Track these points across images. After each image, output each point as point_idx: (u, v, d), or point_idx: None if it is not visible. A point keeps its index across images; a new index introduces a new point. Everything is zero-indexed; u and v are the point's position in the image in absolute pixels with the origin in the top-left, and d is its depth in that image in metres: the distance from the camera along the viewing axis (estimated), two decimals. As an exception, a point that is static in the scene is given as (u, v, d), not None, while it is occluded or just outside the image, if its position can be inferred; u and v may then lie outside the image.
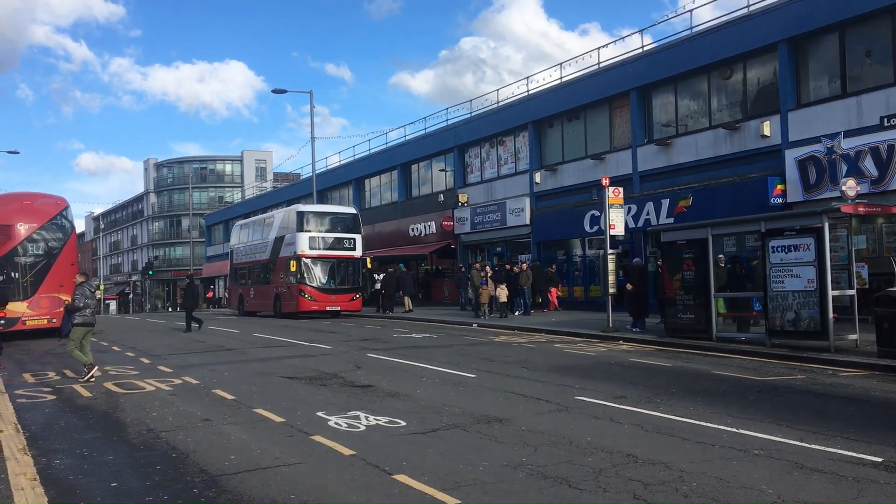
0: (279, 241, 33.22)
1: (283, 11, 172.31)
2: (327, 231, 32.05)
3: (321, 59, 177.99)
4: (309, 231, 31.59)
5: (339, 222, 32.85)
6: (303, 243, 31.22)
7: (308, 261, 31.08)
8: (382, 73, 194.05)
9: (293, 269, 30.83)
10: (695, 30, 25.43)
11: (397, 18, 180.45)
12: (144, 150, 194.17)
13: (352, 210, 35.11)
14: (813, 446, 7.53)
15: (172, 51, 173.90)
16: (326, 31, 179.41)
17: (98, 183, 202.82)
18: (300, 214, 32.18)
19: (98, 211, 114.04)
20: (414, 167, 42.00)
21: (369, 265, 34.16)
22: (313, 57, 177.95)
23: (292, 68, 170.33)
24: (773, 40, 21.99)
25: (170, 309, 74.85)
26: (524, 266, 27.91)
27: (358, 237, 32.51)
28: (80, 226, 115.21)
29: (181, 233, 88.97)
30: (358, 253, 32.31)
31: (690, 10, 25.48)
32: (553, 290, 28.95)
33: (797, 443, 7.68)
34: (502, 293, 26.53)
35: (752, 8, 23.07)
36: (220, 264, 67.77)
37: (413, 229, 39.34)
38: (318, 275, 31.28)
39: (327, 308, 31.40)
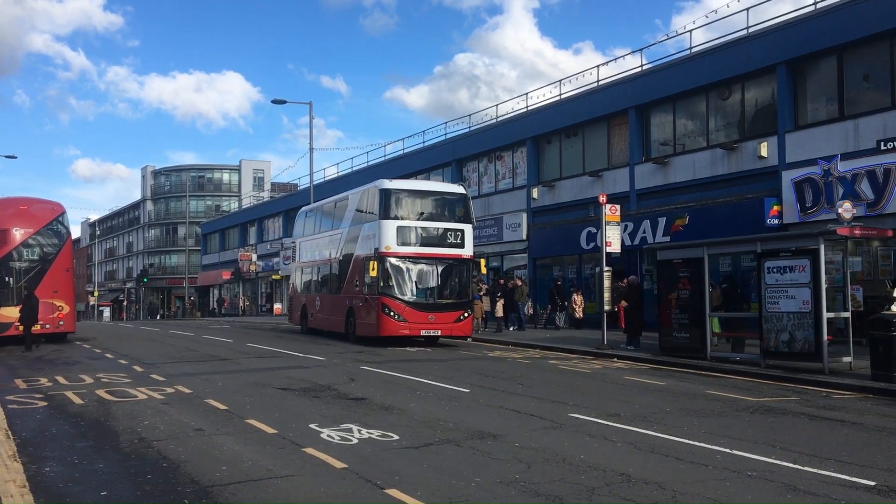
0: (354, 231, 23.93)
1: (279, 24, 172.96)
2: (424, 219, 22.29)
3: (317, 72, 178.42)
4: (398, 218, 21.83)
5: (441, 206, 22.86)
6: (388, 236, 21.52)
7: (395, 262, 21.48)
8: (378, 87, 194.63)
9: (373, 272, 21.29)
10: (693, 50, 25.56)
11: (392, 34, 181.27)
12: (140, 157, 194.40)
13: (459, 189, 23.94)
14: (806, 469, 7.52)
15: (170, 61, 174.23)
16: (322, 44, 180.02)
17: (94, 189, 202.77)
18: (385, 193, 21.99)
19: (94, 217, 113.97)
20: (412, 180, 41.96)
21: (483, 270, 24.52)
22: (309, 69, 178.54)
23: (288, 80, 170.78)
24: (771, 62, 22.11)
25: (159, 317, 74.66)
26: (518, 281, 27.90)
27: (468, 228, 22.67)
28: (75, 232, 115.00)
29: (177, 241, 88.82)
30: (467, 252, 22.40)
31: (690, 31, 25.70)
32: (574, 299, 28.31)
33: (791, 465, 7.67)
34: (499, 307, 26.54)
35: (751, 30, 23.21)
36: (215, 273, 67.79)
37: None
38: (410, 283, 21.77)
39: (422, 333, 21.62)
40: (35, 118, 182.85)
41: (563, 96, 31.30)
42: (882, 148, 19.20)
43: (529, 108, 33.11)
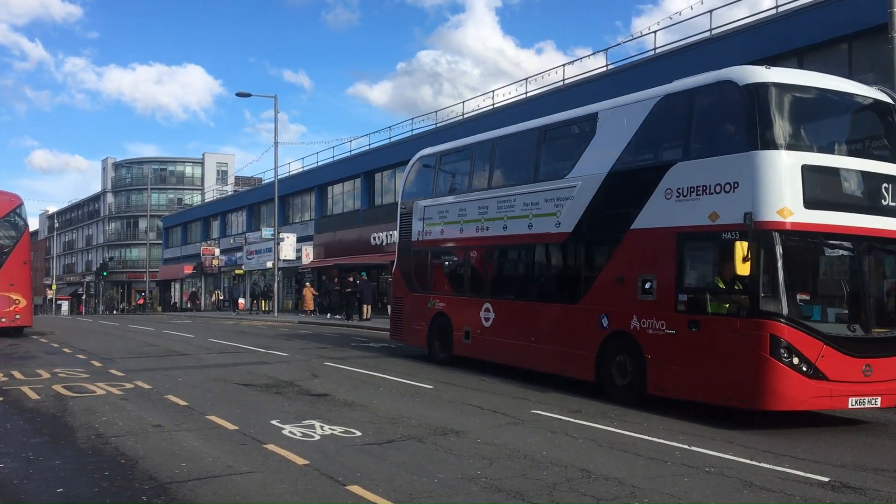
0: (631, 180, 11.88)
1: (241, 17, 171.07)
2: (846, 152, 10.79)
3: (279, 66, 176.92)
4: (799, 149, 10.08)
5: (860, 126, 11.82)
6: (781, 186, 9.73)
7: (800, 243, 10.00)
8: (341, 83, 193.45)
9: (743, 267, 9.56)
10: (658, 51, 25.81)
11: (356, 29, 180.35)
12: (99, 149, 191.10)
13: (881, 95, 11.21)
14: (763, 465, 7.66)
15: (130, 52, 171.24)
16: (285, 38, 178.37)
17: (52, 181, 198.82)
18: (759, 92, 10.13)
19: (52, 209, 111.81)
20: (378, 176, 41.89)
21: None
22: (272, 63, 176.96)
23: (251, 74, 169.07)
24: (738, 64, 22.35)
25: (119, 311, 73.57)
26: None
27: None
28: (33, 224, 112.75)
29: (138, 234, 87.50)
30: None
31: (654, 32, 25.86)
32: None
33: (747, 461, 7.81)
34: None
35: (713, 32, 23.51)
36: (177, 267, 66.91)
37: (375, 238, 39.18)
38: (830, 292, 10.74)
39: (851, 404, 9.73)
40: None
41: (528, 95, 31.42)
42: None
43: (496, 106, 33.17)
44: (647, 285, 11.06)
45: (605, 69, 28.22)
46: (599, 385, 11.92)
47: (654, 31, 26.02)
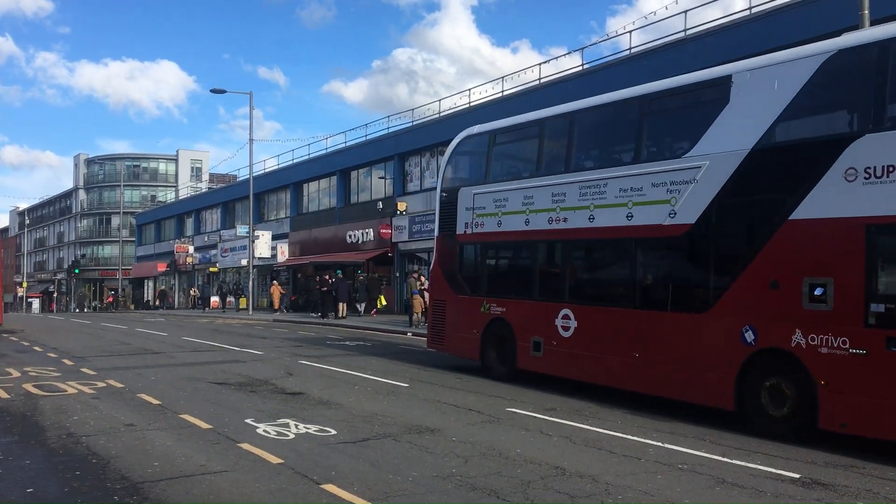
0: (814, 162, 9.05)
1: (216, 13, 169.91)
2: None
3: (254, 63, 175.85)
4: None
5: None
6: None
7: None
8: (316, 80, 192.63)
9: None
10: (633, 51, 25.96)
11: (331, 26, 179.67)
12: (71, 145, 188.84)
13: None
14: (735, 462, 7.74)
15: (102, 48, 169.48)
16: (260, 34, 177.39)
17: (22, 177, 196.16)
18: None
19: (23, 206, 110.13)
20: (353, 174, 41.77)
21: None
22: (246, 60, 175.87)
23: (225, 70, 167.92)
24: (708, 64, 22.55)
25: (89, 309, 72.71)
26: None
27: None
28: (3, 220, 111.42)
29: (110, 231, 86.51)
30: None
31: (630, 32, 26.02)
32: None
33: (720, 458, 7.88)
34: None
35: (687, 33, 23.70)
36: (150, 265, 66.25)
37: (350, 236, 39.10)
38: None
39: None
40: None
41: (505, 93, 31.48)
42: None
43: (472, 105, 33.20)
44: (818, 292, 8.75)
45: (580, 69, 28.35)
46: (742, 416, 9.46)
47: (629, 32, 26.19)
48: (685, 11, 23.79)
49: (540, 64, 32.78)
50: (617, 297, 11.79)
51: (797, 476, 7.22)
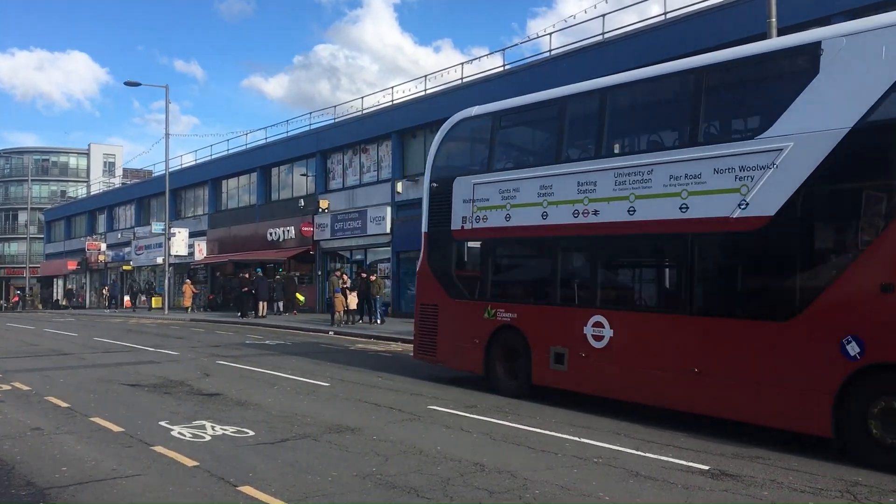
0: None
1: (129, 3, 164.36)
2: None
3: (170, 55, 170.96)
4: None
5: None
6: None
7: None
8: (235, 74, 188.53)
9: None
10: (553, 53, 26.39)
11: (250, 20, 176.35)
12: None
13: None
14: (648, 455, 7.96)
15: (8, 37, 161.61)
16: (176, 26, 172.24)
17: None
18: None
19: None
20: (274, 170, 41.16)
21: None
22: (162, 52, 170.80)
23: (140, 62, 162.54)
24: (626, 67, 23.10)
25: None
26: (373, 276, 27.76)
27: None
28: None
29: (17, 228, 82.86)
30: None
31: (550, 34, 26.46)
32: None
33: (634, 451, 8.10)
34: (352, 301, 26.51)
35: (606, 36, 24.24)
36: (59, 262, 63.77)
37: (271, 234, 38.51)
38: None
39: None
40: None
41: (427, 92, 31.55)
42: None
43: (395, 103, 33.16)
44: None
45: (502, 69, 28.65)
46: (841, 446, 8.07)
47: (550, 34, 26.64)
48: (603, 15, 24.33)
49: (462, 63, 33.10)
50: (666, 301, 10.37)
51: (706, 468, 7.48)
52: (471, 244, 13.01)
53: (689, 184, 9.50)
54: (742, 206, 8.93)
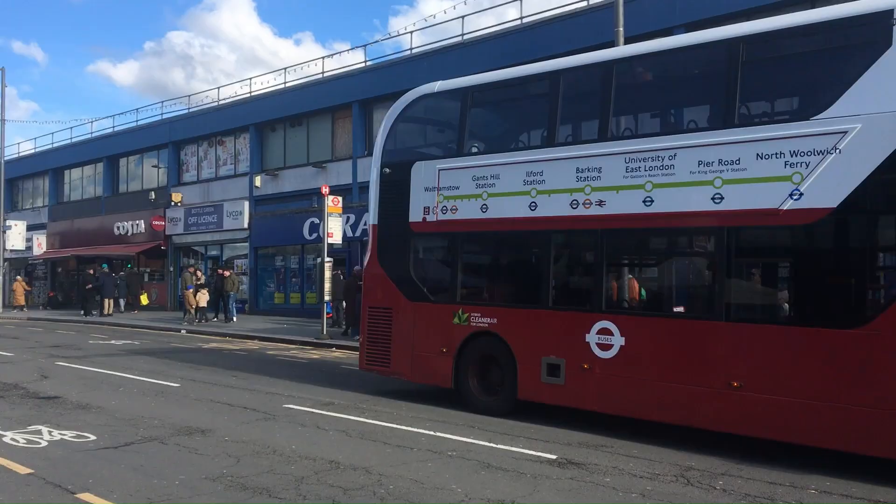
0: None
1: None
2: None
3: (7, 36, 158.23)
4: None
5: None
6: None
7: None
8: (80, 59, 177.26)
9: None
10: (414, 51, 26.60)
11: (96, 2, 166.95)
12: None
13: None
14: (500, 446, 8.18)
15: None
16: (14, 5, 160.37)
17: None
18: None
19: None
20: (123, 161, 39.15)
21: None
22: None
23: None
24: (486, 68, 23.61)
25: None
26: (227, 272, 27.00)
27: None
28: None
29: None
30: None
31: (411, 32, 26.67)
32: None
33: (487, 443, 8.30)
34: (202, 298, 25.67)
35: (465, 37, 24.68)
36: None
37: (119, 227, 36.61)
38: None
39: None
40: None
41: (287, 84, 31.01)
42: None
43: (253, 94, 32.36)
44: None
45: (363, 65, 28.58)
46: None
47: (411, 32, 26.87)
48: (462, 17, 24.78)
49: (323, 57, 32.76)
50: (694, 305, 9.25)
51: (554, 457, 7.77)
52: (436, 239, 11.37)
53: (723, 170, 8.27)
54: (795, 197, 7.78)
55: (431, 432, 8.80)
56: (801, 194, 7.73)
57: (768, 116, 8.91)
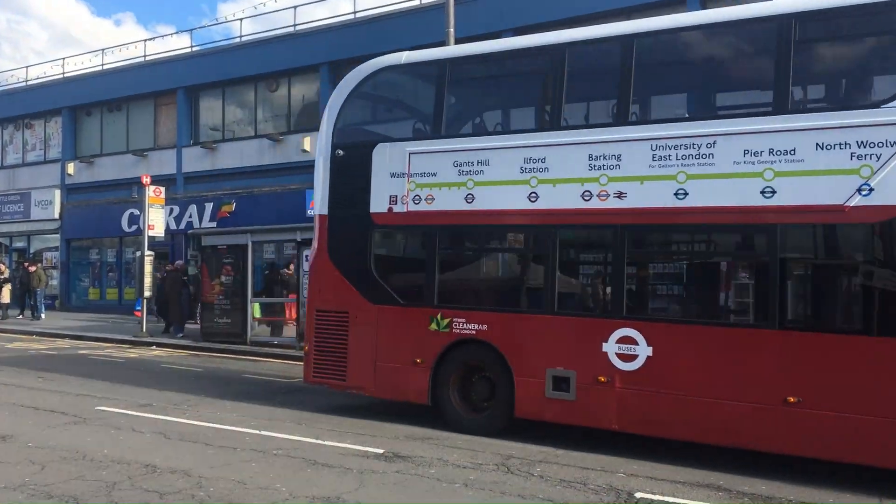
0: None
1: None
2: None
3: None
4: None
5: None
6: None
7: None
8: None
9: None
10: (243, 39, 25.88)
11: None
12: None
13: None
14: (327, 443, 8.14)
15: None
16: None
17: None
18: None
19: None
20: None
21: None
22: None
23: None
24: (316, 61, 23.34)
25: None
26: (32, 266, 25.07)
27: None
28: None
29: None
30: None
31: (241, 20, 25.92)
32: None
33: (313, 440, 8.23)
34: (6, 293, 23.71)
35: (297, 28, 24.31)
36: None
37: None
38: None
39: None
40: None
41: (105, 67, 29.19)
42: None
43: (66, 76, 30.21)
44: None
45: (190, 50, 27.47)
46: None
47: (241, 19, 26.24)
48: (295, 7, 24.41)
49: (145, 40, 31.20)
50: (740, 311, 8.19)
51: (381, 451, 7.83)
52: (407, 232, 10.01)
53: (775, 161, 7.38)
54: (864, 192, 7.01)
55: (257, 431, 8.61)
56: (870, 189, 6.98)
57: (829, 103, 8.20)
